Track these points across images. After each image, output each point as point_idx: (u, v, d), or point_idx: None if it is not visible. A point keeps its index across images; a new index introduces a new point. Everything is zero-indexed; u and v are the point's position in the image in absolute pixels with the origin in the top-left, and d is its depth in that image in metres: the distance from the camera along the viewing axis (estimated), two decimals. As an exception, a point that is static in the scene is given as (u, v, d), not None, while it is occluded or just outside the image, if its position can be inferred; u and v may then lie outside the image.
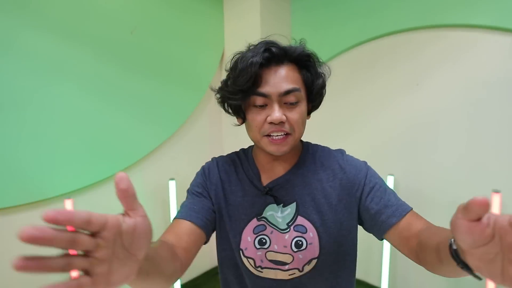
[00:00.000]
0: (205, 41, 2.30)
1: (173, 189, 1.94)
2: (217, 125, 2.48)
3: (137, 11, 1.89)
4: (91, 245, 0.30)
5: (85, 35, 1.67)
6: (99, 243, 0.31)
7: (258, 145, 0.70)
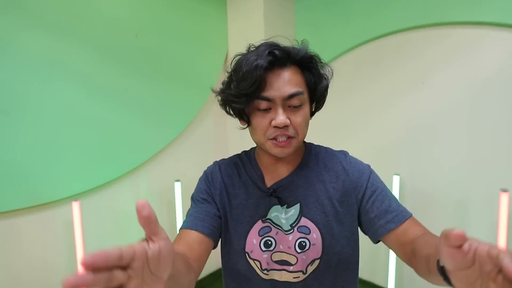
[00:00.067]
0: (209, 42, 2.31)
1: (178, 190, 1.95)
2: (222, 126, 2.49)
3: (141, 15, 1.91)
4: (124, 279, 0.32)
5: (91, 39, 1.69)
6: (130, 275, 0.32)
7: (262, 148, 0.70)
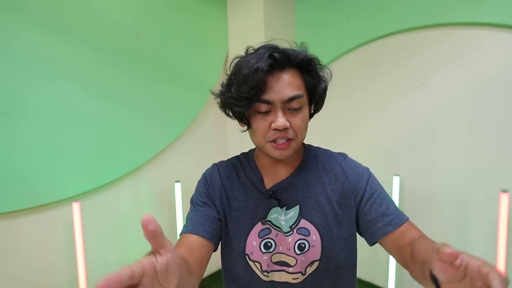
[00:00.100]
0: (209, 42, 2.31)
1: (178, 191, 1.95)
2: (222, 126, 2.49)
3: (141, 16, 1.91)
4: None
5: (92, 40, 1.69)
6: None
7: (262, 150, 0.70)
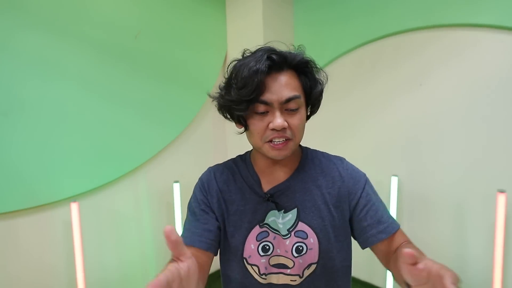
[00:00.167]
0: (208, 42, 2.31)
1: (177, 191, 1.95)
2: (221, 127, 2.49)
3: (140, 16, 1.91)
4: None
5: (90, 40, 1.69)
6: None
7: (259, 151, 0.71)
